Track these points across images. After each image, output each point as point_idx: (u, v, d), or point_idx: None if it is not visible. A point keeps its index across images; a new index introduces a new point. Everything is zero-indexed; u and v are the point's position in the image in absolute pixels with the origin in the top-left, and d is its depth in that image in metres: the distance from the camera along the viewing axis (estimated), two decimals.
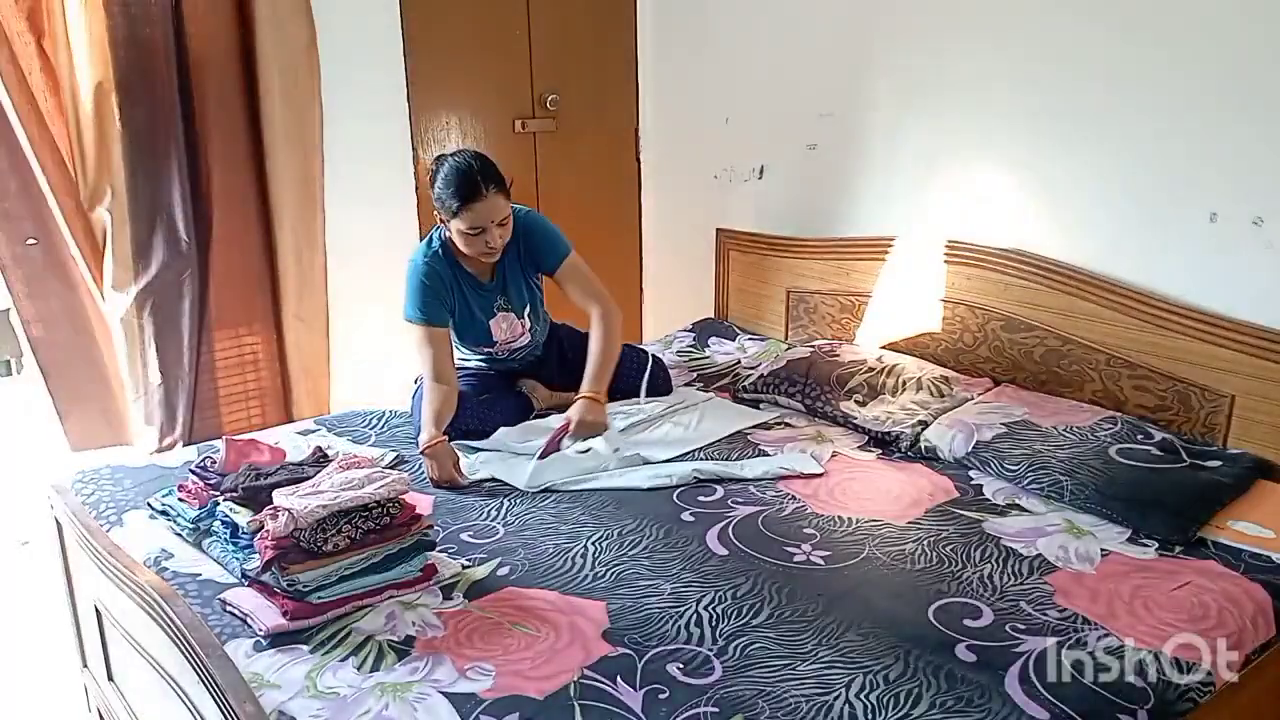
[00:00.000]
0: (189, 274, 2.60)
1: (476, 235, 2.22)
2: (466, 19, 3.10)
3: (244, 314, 2.77)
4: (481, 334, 2.43)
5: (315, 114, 2.72)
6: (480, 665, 1.48)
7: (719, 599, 1.65)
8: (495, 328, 2.42)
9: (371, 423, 2.47)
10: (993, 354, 2.58)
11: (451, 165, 2.22)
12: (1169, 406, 2.24)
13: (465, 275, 2.37)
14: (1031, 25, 2.42)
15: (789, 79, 3.03)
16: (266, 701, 1.38)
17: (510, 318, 2.43)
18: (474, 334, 2.43)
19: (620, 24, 3.46)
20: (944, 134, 2.67)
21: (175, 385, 2.62)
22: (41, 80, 2.36)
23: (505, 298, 2.42)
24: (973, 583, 1.70)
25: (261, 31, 2.57)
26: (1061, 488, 1.98)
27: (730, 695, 1.41)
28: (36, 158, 2.35)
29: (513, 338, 2.46)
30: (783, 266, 3.08)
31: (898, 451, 2.27)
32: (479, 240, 2.23)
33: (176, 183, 2.54)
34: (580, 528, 1.91)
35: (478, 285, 2.38)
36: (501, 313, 2.42)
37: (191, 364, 2.64)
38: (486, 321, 2.41)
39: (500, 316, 2.42)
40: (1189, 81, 2.16)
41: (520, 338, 2.48)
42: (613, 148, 3.56)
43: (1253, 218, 2.10)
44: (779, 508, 1.98)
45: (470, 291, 2.38)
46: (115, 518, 1.96)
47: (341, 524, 1.61)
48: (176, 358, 2.61)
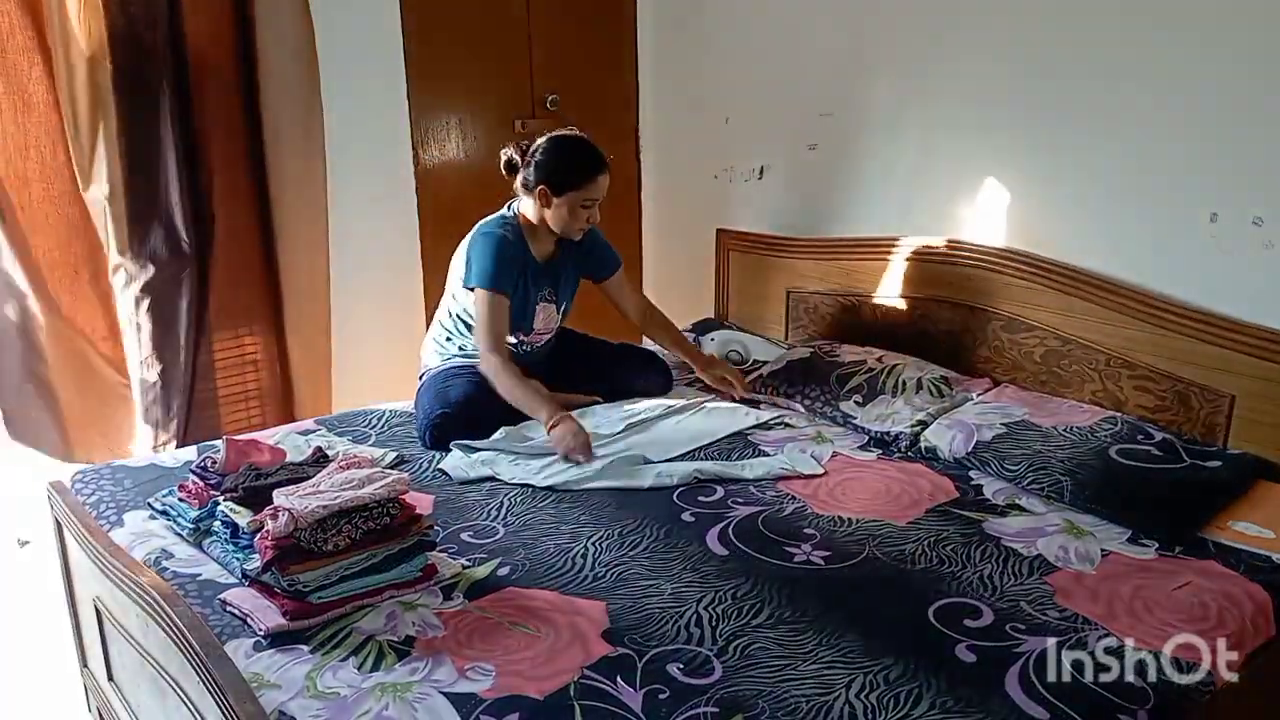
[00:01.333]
0: (188, 273, 2.59)
1: (588, 209, 2.36)
2: (466, 19, 3.10)
3: (245, 314, 2.77)
4: (528, 318, 2.48)
5: (316, 114, 2.72)
6: (480, 665, 1.48)
7: (719, 599, 1.65)
8: (538, 315, 2.49)
9: (371, 423, 2.47)
10: (993, 354, 2.58)
11: (569, 142, 2.39)
12: (1169, 407, 2.24)
13: (530, 257, 2.45)
14: (1031, 26, 2.42)
15: (789, 79, 3.03)
16: (266, 701, 1.38)
17: (550, 309, 2.51)
18: (518, 318, 2.46)
19: (620, 24, 3.46)
20: (944, 134, 2.67)
21: (171, 385, 2.61)
22: (42, 78, 2.36)
23: (553, 289, 2.50)
24: (973, 583, 1.70)
25: (261, 31, 2.57)
26: (1061, 488, 1.98)
27: (730, 695, 1.41)
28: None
29: (546, 329, 2.53)
30: (783, 266, 3.07)
31: (898, 451, 2.27)
32: (582, 216, 2.36)
33: (176, 182, 2.54)
34: (580, 528, 1.91)
35: (536, 268, 2.46)
36: (544, 302, 2.50)
37: (188, 363, 2.64)
38: (534, 307, 2.48)
39: (543, 305, 2.50)
40: (1189, 81, 2.16)
41: (549, 331, 2.54)
42: (613, 148, 3.54)
43: (1253, 218, 2.10)
44: (779, 508, 1.98)
45: (529, 273, 2.45)
46: (115, 518, 1.95)
47: (342, 524, 1.61)
48: (174, 357, 2.61)
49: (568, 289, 2.56)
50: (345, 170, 2.85)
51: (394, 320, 2.97)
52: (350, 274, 2.91)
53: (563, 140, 2.40)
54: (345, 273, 2.90)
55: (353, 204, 2.89)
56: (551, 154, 2.37)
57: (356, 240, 2.92)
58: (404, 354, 2.78)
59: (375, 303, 3.00)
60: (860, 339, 2.84)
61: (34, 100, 2.37)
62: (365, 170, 2.93)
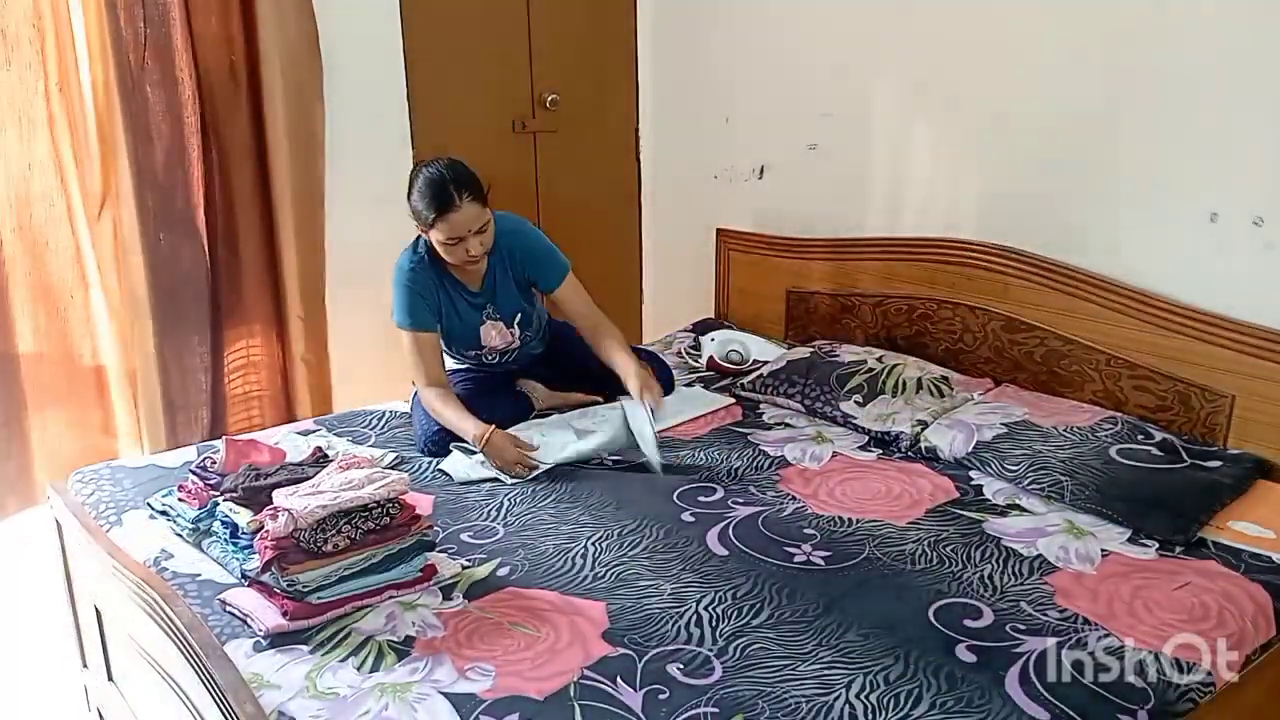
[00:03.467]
0: (189, 274, 2.59)
1: (455, 245, 2.20)
2: (466, 19, 3.10)
3: (245, 314, 2.77)
4: (471, 340, 2.40)
5: (318, 114, 2.71)
6: (480, 665, 1.48)
7: (719, 599, 1.65)
8: (485, 334, 2.40)
9: (371, 423, 2.47)
10: (993, 354, 2.58)
11: (425, 176, 2.19)
12: (1169, 407, 2.24)
13: (452, 282, 2.34)
14: (1031, 25, 2.42)
15: (789, 79, 3.03)
16: (266, 701, 1.38)
17: (500, 326, 2.40)
18: (463, 339, 2.40)
19: (620, 24, 3.46)
20: (944, 133, 2.67)
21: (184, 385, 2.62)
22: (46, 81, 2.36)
23: (494, 306, 2.38)
24: (973, 583, 1.70)
25: (264, 31, 2.57)
26: (1062, 488, 1.98)
27: (730, 695, 1.41)
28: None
29: (504, 344, 2.43)
30: (783, 266, 3.07)
31: (898, 451, 2.27)
32: (459, 250, 2.21)
33: (179, 184, 2.54)
34: (580, 528, 1.91)
35: (466, 292, 2.36)
36: (490, 320, 2.39)
37: (206, 364, 2.65)
38: (476, 328, 2.39)
39: (489, 324, 2.40)
40: (1189, 81, 2.16)
41: (511, 344, 2.45)
42: (613, 148, 3.55)
43: (1253, 218, 2.10)
44: (779, 508, 1.98)
45: (457, 298, 2.35)
46: (115, 518, 1.95)
47: (341, 524, 1.61)
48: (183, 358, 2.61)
49: (512, 303, 2.40)
50: (345, 170, 2.85)
51: (393, 320, 2.96)
52: (350, 274, 2.91)
53: (417, 174, 2.23)
54: (345, 273, 2.89)
55: (353, 204, 2.89)
56: (410, 188, 2.23)
57: (356, 240, 2.91)
58: (401, 355, 2.78)
59: (375, 303, 2.99)
60: (860, 339, 2.84)
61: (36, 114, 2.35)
62: (365, 170, 2.92)
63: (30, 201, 2.39)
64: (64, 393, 2.53)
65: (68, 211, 2.44)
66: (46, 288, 2.46)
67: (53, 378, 2.50)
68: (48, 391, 2.50)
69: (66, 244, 2.46)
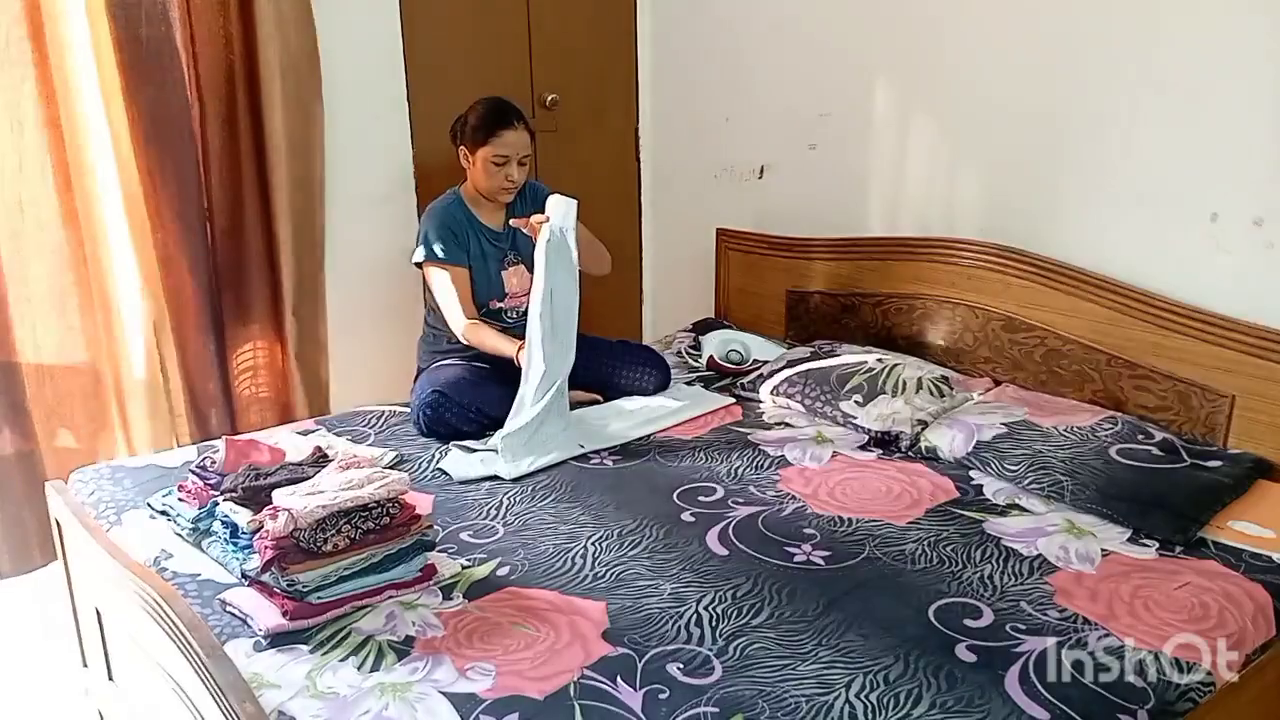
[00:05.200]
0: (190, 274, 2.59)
1: (500, 166, 2.42)
2: (466, 20, 3.10)
3: (244, 314, 2.76)
4: (496, 286, 2.53)
5: (317, 115, 2.71)
6: (480, 665, 1.48)
7: (719, 599, 1.65)
8: (507, 280, 2.54)
9: (371, 422, 2.47)
10: (993, 354, 2.58)
11: (485, 102, 2.48)
12: (1169, 406, 2.24)
13: (478, 224, 2.51)
14: (1031, 25, 2.42)
15: (789, 79, 3.03)
16: (266, 701, 1.38)
17: (521, 271, 2.55)
18: (487, 285, 2.52)
19: (620, 24, 3.46)
20: (944, 133, 2.67)
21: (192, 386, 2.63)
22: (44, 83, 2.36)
23: (515, 251, 2.54)
24: (973, 583, 1.70)
25: (263, 32, 2.56)
26: (1062, 488, 1.98)
27: (730, 695, 1.41)
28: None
29: (523, 290, 2.55)
30: (782, 266, 3.08)
31: (898, 451, 2.27)
32: (501, 173, 2.41)
33: (179, 185, 2.53)
34: (580, 528, 1.91)
35: (489, 234, 2.52)
36: (512, 265, 2.54)
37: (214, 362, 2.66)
38: (499, 274, 2.52)
39: (511, 270, 2.54)
40: (1188, 81, 2.16)
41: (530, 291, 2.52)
42: (613, 148, 3.56)
43: (1253, 218, 2.10)
44: (779, 508, 1.98)
45: (484, 240, 2.50)
46: (115, 518, 1.96)
47: (341, 524, 1.61)
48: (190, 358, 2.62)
49: (530, 245, 2.46)
50: (345, 170, 2.85)
51: (393, 320, 2.97)
52: (349, 274, 2.91)
53: (478, 101, 2.51)
54: (344, 273, 2.90)
55: (353, 204, 2.89)
56: (466, 113, 2.50)
57: (356, 240, 2.92)
58: (403, 354, 2.78)
59: (375, 303, 3.00)
60: (860, 339, 2.84)
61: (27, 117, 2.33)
62: (365, 170, 2.93)
63: (30, 204, 2.38)
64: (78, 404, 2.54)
65: (68, 213, 2.43)
66: (48, 292, 2.45)
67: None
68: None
69: (67, 246, 2.45)
